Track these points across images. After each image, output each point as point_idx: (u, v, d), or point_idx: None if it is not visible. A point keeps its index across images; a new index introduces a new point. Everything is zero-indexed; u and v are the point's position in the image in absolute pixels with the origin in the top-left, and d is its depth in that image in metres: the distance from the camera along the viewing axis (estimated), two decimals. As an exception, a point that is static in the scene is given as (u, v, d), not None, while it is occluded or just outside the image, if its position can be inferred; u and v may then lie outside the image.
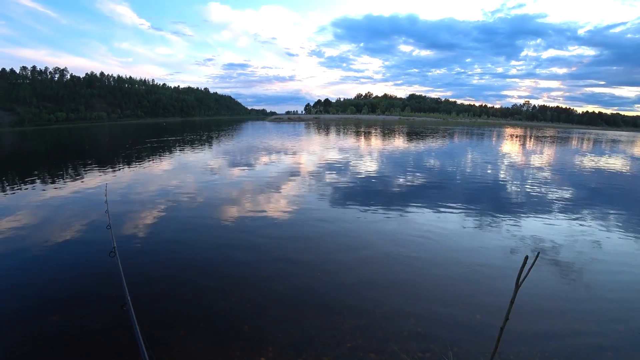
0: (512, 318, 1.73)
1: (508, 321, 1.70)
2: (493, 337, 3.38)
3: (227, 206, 8.39)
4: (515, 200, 9.13)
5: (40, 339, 3.55)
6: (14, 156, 24.04)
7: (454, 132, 44.47)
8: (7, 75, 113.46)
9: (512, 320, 1.70)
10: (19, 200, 9.45)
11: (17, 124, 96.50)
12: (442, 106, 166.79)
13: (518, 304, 4.00)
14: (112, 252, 3.18)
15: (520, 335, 3.57)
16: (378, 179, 11.79)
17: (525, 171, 14.22)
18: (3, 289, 4.64)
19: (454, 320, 3.83)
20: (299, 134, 38.64)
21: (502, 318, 1.73)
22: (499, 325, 1.78)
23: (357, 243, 6.07)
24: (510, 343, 3.41)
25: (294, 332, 3.60)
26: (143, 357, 1.88)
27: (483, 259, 5.46)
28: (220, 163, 15.83)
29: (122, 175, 12.92)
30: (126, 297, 2.46)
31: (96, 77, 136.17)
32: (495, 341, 1.82)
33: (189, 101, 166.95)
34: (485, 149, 24.43)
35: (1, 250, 5.90)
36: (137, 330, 2.07)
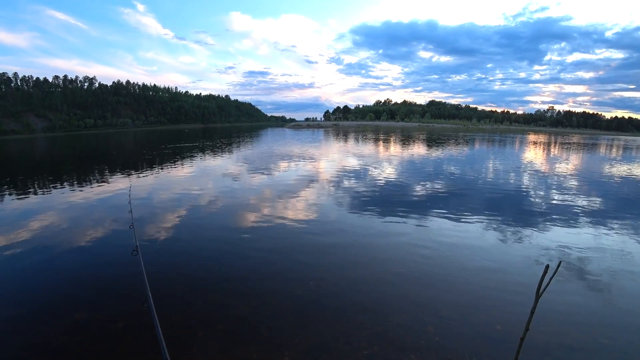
0: (534, 329, 1.70)
1: (529, 332, 1.67)
2: (514, 349, 3.30)
3: (246, 211, 8.52)
4: (538, 209, 8.84)
5: (65, 335, 3.71)
6: (47, 160, 25.23)
7: (474, 139, 43.58)
8: (41, 84, 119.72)
9: (534, 332, 1.67)
10: (49, 200, 9.91)
11: (49, 130, 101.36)
12: (463, 112, 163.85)
13: (541, 316, 3.90)
14: (135, 251, 3.29)
15: (542, 348, 3.45)
16: (397, 186, 11.69)
17: (549, 179, 13.76)
18: (31, 285, 4.88)
19: (474, 331, 3.74)
20: (317, 141, 38.82)
21: (522, 328, 1.70)
22: (519, 335, 1.75)
23: (374, 250, 6.04)
24: (531, 355, 3.31)
25: (310, 338, 3.61)
26: (163, 354, 1.94)
27: (505, 268, 5.32)
28: (240, 169, 16.10)
29: (145, 179, 13.36)
30: (147, 295, 2.53)
31: (122, 86, 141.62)
32: (515, 352, 1.79)
33: (210, 108, 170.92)
34: (507, 156, 23.81)
35: (30, 247, 6.23)
36: (158, 328, 2.14)
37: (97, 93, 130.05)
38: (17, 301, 4.49)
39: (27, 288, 4.84)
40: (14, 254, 6.00)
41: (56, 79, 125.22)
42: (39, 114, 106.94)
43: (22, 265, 5.55)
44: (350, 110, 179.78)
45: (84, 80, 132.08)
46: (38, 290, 4.77)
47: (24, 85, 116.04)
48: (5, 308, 4.32)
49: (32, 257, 5.86)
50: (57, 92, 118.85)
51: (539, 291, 1.49)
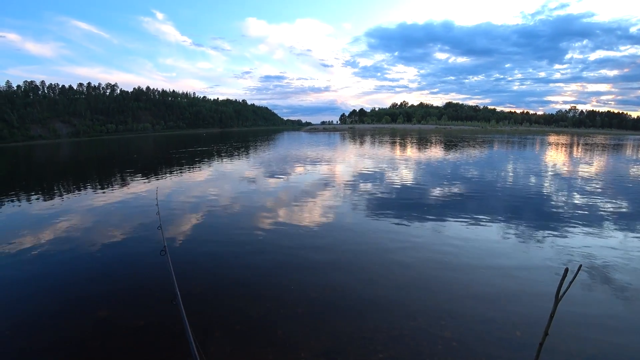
0: (554, 335, 1.67)
1: (548, 337, 1.64)
2: (534, 355, 3.22)
3: (264, 213, 8.64)
4: (560, 213, 8.58)
5: (95, 329, 3.87)
6: (73, 163, 26.22)
7: (493, 141, 42.68)
8: (66, 91, 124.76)
9: (554, 338, 1.64)
10: (78, 202, 10.32)
11: (73, 135, 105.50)
12: (481, 114, 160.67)
13: (562, 321, 3.80)
14: (163, 251, 3.39)
15: (562, 354, 3.36)
16: (413, 189, 11.59)
17: (570, 181, 13.33)
18: (62, 281, 5.12)
19: (492, 336, 3.68)
20: (334, 144, 38.88)
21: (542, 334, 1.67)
22: (539, 341, 1.72)
23: (390, 253, 6.00)
24: None
25: (326, 340, 3.63)
26: (192, 350, 1.99)
27: (524, 273, 5.19)
28: (258, 172, 16.31)
29: (166, 181, 13.71)
30: (176, 293, 2.61)
31: (142, 92, 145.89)
32: (534, 358, 1.76)
33: (227, 113, 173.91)
34: (527, 157, 23.19)
35: (63, 246, 6.54)
36: (186, 324, 2.20)
37: (118, 99, 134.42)
38: (49, 296, 4.70)
39: (59, 284, 5.07)
40: (46, 252, 6.31)
41: (80, 87, 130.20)
42: (64, 120, 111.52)
43: (53, 262, 5.83)
44: (366, 113, 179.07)
45: (106, 87, 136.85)
46: (69, 286, 5.00)
47: (50, 92, 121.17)
48: (38, 303, 4.54)
49: (63, 255, 6.17)
50: (81, 99, 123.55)
51: (558, 295, 1.47)
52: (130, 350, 3.57)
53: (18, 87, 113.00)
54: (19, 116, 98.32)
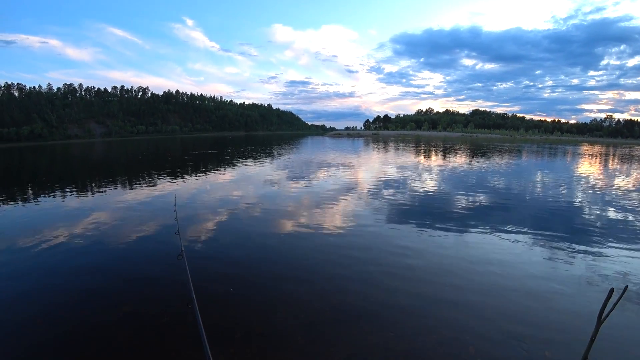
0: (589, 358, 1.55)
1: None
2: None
3: (285, 219, 8.67)
4: (594, 228, 8.10)
5: (113, 327, 3.98)
6: (105, 162, 27.43)
7: (521, 150, 41.16)
8: (101, 94, 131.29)
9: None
10: (106, 200, 10.76)
11: (106, 135, 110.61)
12: (509, 122, 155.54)
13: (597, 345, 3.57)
14: (180, 256, 3.45)
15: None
16: (437, 198, 11.32)
17: (607, 194, 12.59)
18: (88, 275, 5.32)
19: (519, 354, 3.50)
20: (357, 150, 38.73)
21: (575, 357, 1.57)
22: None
23: (413, 263, 5.86)
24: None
25: (346, 349, 3.57)
26: (206, 353, 2.00)
27: (555, 290, 4.92)
28: (281, 176, 16.45)
29: (190, 183, 14.07)
30: (192, 298, 2.65)
31: (172, 95, 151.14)
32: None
33: (252, 116, 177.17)
34: (558, 168, 22.18)
35: (83, 245, 6.81)
36: (201, 328, 2.22)
37: (149, 102, 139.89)
38: (70, 290, 4.91)
39: (79, 280, 5.28)
40: (69, 249, 6.60)
41: (114, 89, 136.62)
42: (99, 120, 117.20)
43: (76, 260, 6.08)
44: (390, 120, 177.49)
45: (138, 90, 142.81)
46: (89, 282, 5.19)
47: (87, 95, 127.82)
48: (60, 295, 4.75)
49: (82, 255, 6.39)
50: (114, 101, 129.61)
51: (601, 317, 1.37)
52: (149, 347, 3.65)
53: (58, 89, 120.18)
54: (58, 116, 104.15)
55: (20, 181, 18.25)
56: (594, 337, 1.41)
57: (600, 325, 1.37)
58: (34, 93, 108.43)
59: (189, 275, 3.01)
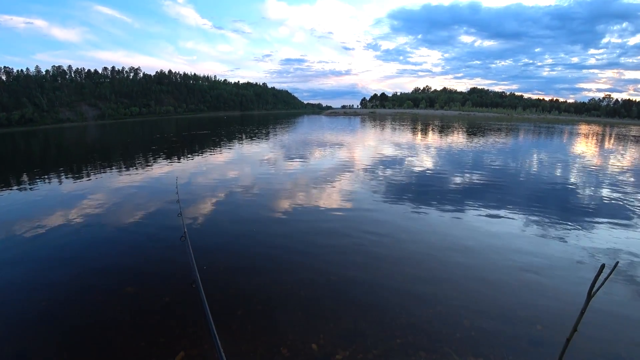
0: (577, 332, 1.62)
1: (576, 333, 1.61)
2: (554, 350, 3.18)
3: (285, 198, 8.75)
4: (587, 206, 8.26)
5: (118, 308, 4.08)
6: (98, 145, 27.16)
7: (519, 129, 41.13)
8: (92, 75, 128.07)
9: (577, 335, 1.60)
10: (104, 183, 10.74)
11: (99, 118, 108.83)
12: (507, 101, 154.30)
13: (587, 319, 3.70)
14: (183, 237, 3.49)
15: (586, 352, 3.30)
16: (433, 177, 11.40)
17: (601, 174, 12.73)
18: (88, 262, 5.39)
19: (512, 328, 3.65)
20: (354, 129, 38.56)
21: (565, 331, 1.64)
22: (560, 337, 1.70)
23: (408, 241, 5.98)
24: (574, 358, 3.17)
25: (345, 323, 3.70)
26: (212, 331, 2.07)
27: (546, 266, 5.07)
28: (278, 155, 16.43)
29: (189, 164, 14.03)
30: (196, 276, 2.70)
31: (165, 75, 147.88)
32: (560, 353, 1.73)
33: (247, 96, 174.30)
34: (554, 147, 22.28)
35: (87, 229, 6.86)
36: (206, 307, 2.28)
37: (141, 83, 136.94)
38: (74, 272, 4.99)
39: (83, 262, 5.35)
40: (73, 231, 6.66)
41: (105, 71, 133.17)
42: (91, 103, 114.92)
43: (80, 243, 6.15)
44: (387, 98, 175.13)
45: (129, 70, 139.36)
46: (93, 265, 5.27)
47: (77, 77, 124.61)
48: (64, 277, 4.83)
49: (90, 234, 6.50)
50: (106, 82, 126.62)
51: (592, 291, 1.43)
52: (153, 327, 3.75)
53: (47, 71, 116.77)
54: (48, 100, 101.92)
55: (15, 167, 18.12)
56: (584, 310, 1.48)
57: (590, 299, 1.43)
58: (22, 76, 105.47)
59: (192, 256, 3.07)
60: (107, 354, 3.33)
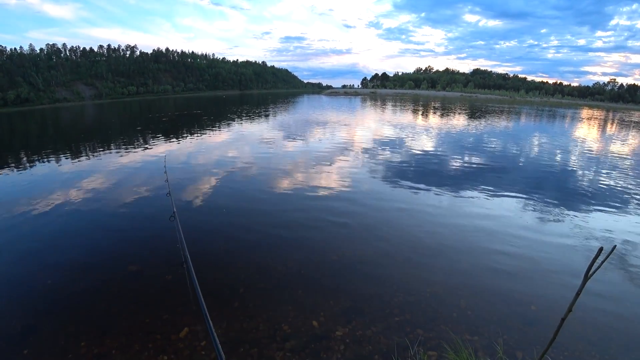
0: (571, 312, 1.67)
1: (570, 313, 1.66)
2: (547, 329, 3.29)
3: (281, 177, 8.76)
4: (585, 191, 8.30)
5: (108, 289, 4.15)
6: (96, 125, 26.93)
7: (521, 112, 40.76)
8: (87, 54, 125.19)
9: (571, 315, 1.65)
10: (101, 163, 10.72)
11: (96, 97, 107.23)
12: (510, 83, 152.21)
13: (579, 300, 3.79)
14: (172, 217, 3.52)
15: (578, 332, 3.40)
16: (433, 158, 11.39)
17: (601, 159, 12.74)
18: (89, 237, 5.47)
19: (508, 309, 3.75)
20: (354, 109, 38.22)
21: (558, 312, 1.69)
22: (555, 317, 1.76)
23: (407, 222, 6.05)
24: (567, 337, 3.28)
25: (344, 301, 3.80)
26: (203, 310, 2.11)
27: (542, 249, 5.15)
28: (276, 135, 16.33)
29: (181, 145, 13.93)
30: (186, 256, 2.74)
31: (162, 53, 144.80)
32: (554, 331, 1.79)
33: (247, 74, 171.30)
34: (556, 132, 22.16)
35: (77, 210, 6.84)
36: (196, 285, 2.31)
37: (138, 61, 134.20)
38: (62, 254, 5.06)
39: (72, 244, 5.42)
40: (63, 212, 6.69)
41: (101, 49, 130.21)
42: (87, 82, 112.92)
43: (75, 220, 6.22)
44: (388, 78, 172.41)
45: (126, 49, 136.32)
46: (97, 241, 5.34)
47: (72, 55, 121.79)
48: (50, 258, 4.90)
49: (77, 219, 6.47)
50: (102, 61, 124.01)
51: (588, 274, 1.47)
52: (157, 304, 3.84)
53: (41, 50, 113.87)
54: (44, 79, 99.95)
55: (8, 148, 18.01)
56: (579, 292, 1.52)
57: (586, 281, 1.47)
58: (16, 55, 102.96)
59: (181, 236, 3.09)
60: (112, 330, 3.42)
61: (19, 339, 3.33)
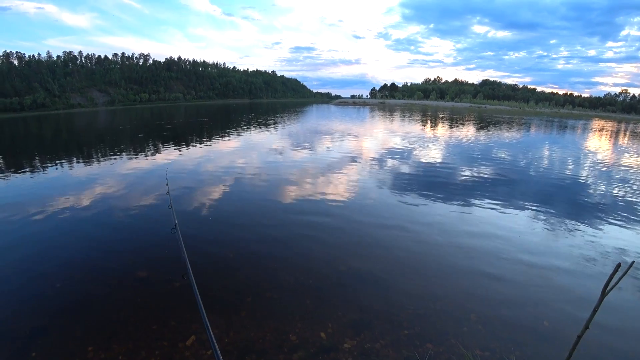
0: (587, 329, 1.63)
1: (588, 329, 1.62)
2: (561, 345, 3.20)
3: (289, 186, 8.78)
4: (598, 204, 8.13)
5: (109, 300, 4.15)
6: (108, 130, 27.41)
7: (531, 123, 40.39)
8: (102, 61, 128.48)
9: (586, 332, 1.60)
10: (111, 169, 10.87)
11: (109, 104, 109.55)
12: (519, 94, 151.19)
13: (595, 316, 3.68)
14: (174, 229, 3.53)
15: (594, 350, 3.30)
16: (441, 169, 11.32)
17: (614, 172, 12.51)
18: (89, 245, 5.50)
19: (519, 324, 3.66)
20: (363, 119, 38.29)
21: (572, 328, 1.65)
22: (567, 334, 1.72)
23: (416, 233, 5.99)
24: (582, 357, 3.18)
25: (353, 313, 3.75)
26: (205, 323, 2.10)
27: (554, 264, 5.05)
28: (283, 144, 16.41)
29: (185, 155, 14.07)
30: (187, 267, 2.72)
31: (174, 62, 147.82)
32: (570, 349, 1.74)
33: (256, 84, 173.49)
34: (567, 143, 21.87)
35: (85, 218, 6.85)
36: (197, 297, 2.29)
37: (151, 69, 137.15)
38: (62, 263, 5.11)
39: (73, 251, 5.47)
40: (68, 218, 6.77)
41: (115, 57, 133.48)
42: (101, 89, 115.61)
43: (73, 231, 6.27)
44: (397, 88, 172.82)
45: (139, 57, 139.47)
46: (99, 247, 5.39)
47: (87, 62, 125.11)
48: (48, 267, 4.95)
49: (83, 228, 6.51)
50: (116, 68, 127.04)
51: (606, 289, 1.43)
52: (165, 311, 3.85)
53: (58, 57, 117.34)
54: (60, 85, 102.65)
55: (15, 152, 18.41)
56: (596, 308, 1.48)
57: (604, 297, 1.43)
58: (34, 62, 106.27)
59: (183, 247, 3.10)
60: (120, 335, 3.43)
61: (28, 340, 3.35)
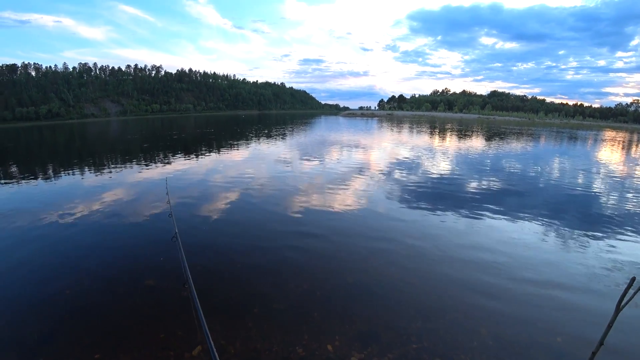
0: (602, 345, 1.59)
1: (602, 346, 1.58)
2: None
3: (295, 196, 8.80)
4: (610, 217, 7.94)
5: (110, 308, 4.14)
6: (120, 139, 27.94)
7: (540, 135, 39.98)
8: (115, 72, 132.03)
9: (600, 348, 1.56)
10: (123, 177, 11.03)
11: (121, 114, 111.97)
12: (528, 105, 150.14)
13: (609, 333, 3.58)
14: (174, 237, 3.55)
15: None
16: (450, 181, 11.24)
17: (626, 183, 12.27)
18: (96, 254, 5.55)
19: (530, 339, 3.57)
20: (371, 130, 38.39)
21: (585, 343, 1.61)
22: (581, 350, 1.67)
23: (425, 246, 5.92)
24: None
25: (360, 325, 3.71)
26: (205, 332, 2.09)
27: (565, 278, 4.93)
28: (291, 155, 16.49)
29: (185, 166, 14.23)
30: (187, 277, 2.71)
31: (185, 73, 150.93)
32: (584, 365, 1.70)
33: (266, 95, 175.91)
34: (578, 154, 21.54)
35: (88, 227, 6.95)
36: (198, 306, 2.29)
37: (162, 80, 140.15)
38: (64, 270, 5.16)
39: (74, 259, 5.53)
40: (71, 226, 6.86)
41: (128, 68, 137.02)
42: (114, 99, 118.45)
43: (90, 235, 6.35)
44: (405, 100, 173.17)
45: (151, 68, 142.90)
46: (106, 255, 5.44)
47: (101, 74, 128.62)
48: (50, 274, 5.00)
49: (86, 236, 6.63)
50: (128, 80, 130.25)
51: (621, 304, 1.40)
52: (172, 320, 3.85)
53: (73, 68, 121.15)
54: (74, 95, 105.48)
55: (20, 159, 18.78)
56: (611, 323, 1.45)
57: (618, 312, 1.40)
58: (50, 72, 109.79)
59: (183, 257, 3.11)
60: (127, 343, 3.43)
61: (35, 347, 3.39)
